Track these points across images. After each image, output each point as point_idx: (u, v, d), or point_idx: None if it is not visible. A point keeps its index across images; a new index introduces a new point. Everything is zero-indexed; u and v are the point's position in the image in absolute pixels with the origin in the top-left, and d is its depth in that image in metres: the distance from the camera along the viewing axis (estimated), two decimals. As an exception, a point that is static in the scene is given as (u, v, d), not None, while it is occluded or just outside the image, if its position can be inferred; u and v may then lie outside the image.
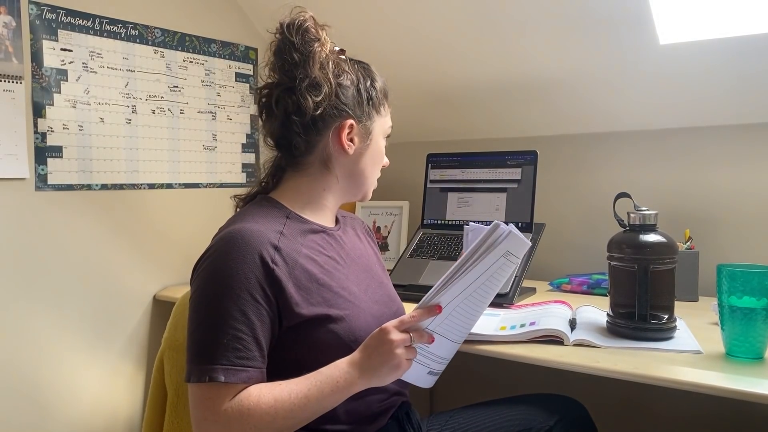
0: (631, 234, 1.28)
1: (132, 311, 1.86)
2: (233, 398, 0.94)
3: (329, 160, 1.13)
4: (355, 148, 1.13)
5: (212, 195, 2.05)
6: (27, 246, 1.62)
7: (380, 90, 1.18)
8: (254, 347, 0.96)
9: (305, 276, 1.03)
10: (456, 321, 1.02)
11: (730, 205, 1.73)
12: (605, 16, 1.61)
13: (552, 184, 1.99)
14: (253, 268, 0.98)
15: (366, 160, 1.16)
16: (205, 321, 0.97)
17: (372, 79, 1.17)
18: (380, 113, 1.18)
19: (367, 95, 1.14)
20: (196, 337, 0.98)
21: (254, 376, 0.96)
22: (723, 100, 1.68)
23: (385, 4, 1.85)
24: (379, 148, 1.19)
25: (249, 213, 1.09)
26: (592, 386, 1.51)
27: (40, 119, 1.63)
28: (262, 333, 0.97)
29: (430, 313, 1.00)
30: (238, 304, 0.96)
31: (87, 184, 1.73)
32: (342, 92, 1.11)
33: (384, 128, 1.20)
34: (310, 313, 1.01)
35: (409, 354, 0.99)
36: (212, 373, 0.93)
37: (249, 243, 0.99)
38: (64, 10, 1.66)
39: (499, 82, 1.94)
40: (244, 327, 0.96)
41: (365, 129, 1.14)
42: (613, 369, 1.10)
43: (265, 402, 0.94)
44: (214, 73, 2.04)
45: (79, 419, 1.73)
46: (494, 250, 0.97)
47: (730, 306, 1.11)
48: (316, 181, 1.14)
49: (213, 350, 0.95)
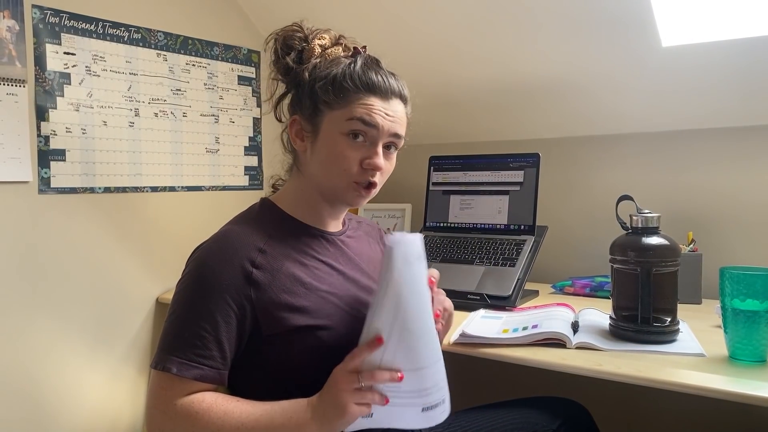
0: (633, 237, 1.28)
1: (134, 314, 1.87)
2: (186, 396, 0.95)
3: (297, 159, 1.14)
4: (304, 144, 1.09)
5: (215, 198, 2.06)
6: (30, 249, 1.62)
7: (334, 82, 1.05)
8: (214, 347, 0.96)
9: (291, 279, 1.02)
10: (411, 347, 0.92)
11: (733, 208, 1.73)
12: (608, 18, 1.61)
13: (554, 187, 1.99)
14: (232, 271, 0.99)
15: (317, 156, 1.07)
16: (175, 312, 1.00)
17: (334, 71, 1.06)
18: (333, 107, 1.05)
19: (310, 88, 1.07)
20: (166, 325, 1.00)
21: (209, 374, 0.96)
22: (725, 102, 1.68)
23: (387, 6, 1.86)
24: (332, 145, 1.05)
25: (241, 215, 1.12)
26: (595, 389, 1.50)
27: (43, 123, 1.63)
28: (226, 335, 0.97)
29: (371, 347, 0.91)
30: (208, 304, 0.97)
31: (90, 188, 1.73)
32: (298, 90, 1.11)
33: (340, 120, 1.05)
34: (293, 323, 1.00)
35: (360, 398, 0.91)
36: (167, 362, 0.95)
37: (234, 245, 1.01)
38: (67, 14, 1.67)
39: (501, 84, 1.94)
40: (208, 326, 0.96)
41: (311, 123, 1.08)
42: (616, 372, 1.09)
43: (215, 412, 0.93)
44: (216, 76, 2.04)
45: (82, 423, 1.73)
46: (393, 263, 0.90)
47: (733, 309, 1.11)
48: (296, 181, 1.14)
49: (174, 342, 0.97)
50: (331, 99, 1.05)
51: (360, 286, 1.12)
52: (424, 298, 0.94)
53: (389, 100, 1.07)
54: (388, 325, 0.91)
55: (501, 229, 1.81)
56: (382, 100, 1.06)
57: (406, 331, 0.91)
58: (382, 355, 0.91)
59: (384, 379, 0.91)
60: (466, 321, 1.41)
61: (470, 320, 1.43)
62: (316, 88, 1.06)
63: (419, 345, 0.93)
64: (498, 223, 1.82)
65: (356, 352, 0.93)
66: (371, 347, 0.91)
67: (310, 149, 1.09)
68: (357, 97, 1.05)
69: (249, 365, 1.01)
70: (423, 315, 0.93)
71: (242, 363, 1.01)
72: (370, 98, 1.05)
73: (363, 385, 0.91)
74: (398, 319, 0.91)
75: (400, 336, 0.91)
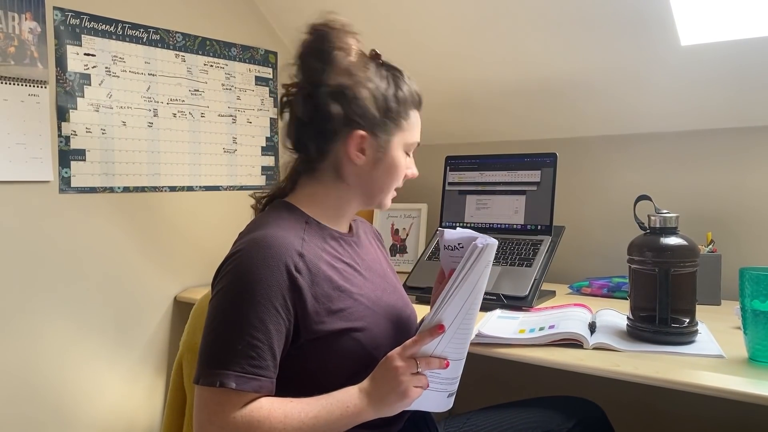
0: (651, 237, 1.27)
1: (153, 313, 1.89)
2: (242, 407, 0.93)
3: (340, 168, 1.10)
4: (365, 159, 1.09)
5: (232, 197, 2.07)
6: (50, 247, 1.64)
7: (403, 101, 1.10)
8: (269, 357, 0.95)
9: (327, 283, 1.02)
10: (460, 339, 1.01)
11: (753, 208, 1.71)
12: (626, 17, 1.60)
13: (572, 187, 1.98)
14: (277, 277, 0.96)
15: (379, 173, 1.11)
16: (222, 325, 0.96)
17: (397, 88, 1.10)
18: (400, 126, 1.10)
19: (386, 107, 1.08)
20: (211, 339, 0.96)
21: (266, 386, 0.95)
22: (745, 101, 1.66)
23: (404, 7, 1.86)
24: (395, 161, 1.11)
25: (270, 218, 1.07)
26: (610, 389, 1.49)
27: (64, 123, 1.65)
28: (278, 343, 0.96)
29: (432, 335, 0.96)
30: (258, 312, 0.94)
31: (109, 187, 1.76)
32: (358, 102, 1.06)
33: (405, 141, 1.12)
34: (332, 327, 1.00)
35: (417, 381, 0.96)
36: (223, 378, 0.92)
37: (274, 250, 0.98)
38: (88, 16, 1.69)
39: (517, 84, 1.93)
40: (261, 335, 0.94)
41: (378, 141, 1.08)
42: (633, 373, 1.09)
43: (276, 417, 0.92)
44: (234, 76, 2.06)
45: (100, 422, 1.76)
46: (477, 263, 0.96)
47: (753, 310, 1.09)
48: (330, 188, 1.11)
49: (226, 355, 0.93)
50: (400, 120, 1.10)
51: (376, 285, 1.12)
52: (481, 298, 1.02)
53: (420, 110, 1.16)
54: (453, 316, 0.98)
55: (518, 229, 1.81)
56: (419, 113, 1.15)
57: (464, 325, 0.99)
58: (437, 344, 0.98)
59: (436, 366, 0.98)
60: (482, 321, 1.41)
61: (486, 320, 1.42)
62: (390, 105, 1.08)
63: (466, 338, 1.02)
64: (515, 223, 1.82)
65: (418, 339, 0.97)
66: (433, 335, 0.96)
67: (371, 164, 1.09)
68: (415, 115, 1.14)
69: (284, 369, 0.99)
70: (476, 313, 1.02)
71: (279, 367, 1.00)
72: (417, 114, 1.14)
73: (420, 370, 0.96)
74: (462, 313, 0.98)
75: (458, 328, 0.99)
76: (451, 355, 1.00)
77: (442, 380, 1.01)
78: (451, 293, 0.97)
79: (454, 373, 1.03)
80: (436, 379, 1.00)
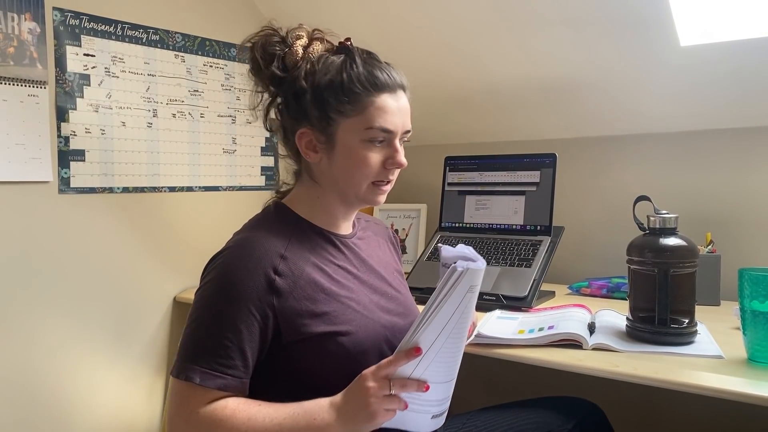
0: (651, 237, 1.27)
1: (152, 313, 1.89)
2: (209, 404, 0.94)
3: (309, 169, 1.11)
4: (319, 156, 1.07)
5: (232, 198, 2.07)
6: (49, 248, 1.64)
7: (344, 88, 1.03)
8: (237, 357, 0.96)
9: (311, 286, 1.02)
10: (443, 362, 0.95)
11: (752, 209, 1.71)
12: (625, 17, 1.60)
13: (571, 187, 1.98)
14: (255, 280, 0.98)
15: (337, 166, 1.07)
16: (197, 321, 0.99)
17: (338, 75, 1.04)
18: (346, 114, 1.04)
19: (320, 97, 1.04)
20: (187, 333, 0.99)
21: (232, 384, 0.95)
22: (744, 102, 1.66)
23: (401, 7, 1.86)
24: (351, 151, 1.05)
25: (261, 219, 1.10)
26: (610, 389, 1.49)
27: (63, 123, 1.65)
28: (249, 345, 0.97)
29: (408, 357, 0.91)
30: (232, 313, 0.96)
31: (109, 187, 1.76)
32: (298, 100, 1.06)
33: (360, 126, 1.04)
34: (315, 330, 1.00)
35: (389, 404, 0.92)
36: (189, 372, 0.94)
37: (256, 253, 1.00)
38: (87, 16, 1.69)
39: (517, 84, 1.93)
40: (232, 335, 0.96)
41: (324, 134, 1.06)
42: (632, 373, 1.09)
43: (239, 418, 0.93)
44: (233, 77, 2.06)
45: (98, 423, 1.75)
46: (457, 288, 0.91)
47: (752, 310, 1.09)
48: (311, 190, 1.12)
49: (196, 351, 0.96)
50: (345, 107, 1.04)
51: (374, 290, 1.12)
52: (468, 321, 0.96)
53: (397, 93, 1.07)
54: (431, 340, 0.92)
55: (517, 229, 1.81)
56: (391, 96, 1.06)
57: (445, 349, 0.94)
58: (415, 366, 0.93)
59: (413, 389, 0.93)
60: (481, 321, 1.41)
61: (486, 321, 1.42)
62: (324, 97, 1.04)
63: (450, 362, 0.97)
64: (514, 224, 1.82)
65: (393, 360, 0.92)
66: (409, 357, 0.92)
67: (326, 160, 1.08)
68: (370, 101, 1.04)
69: (268, 371, 1.01)
70: (463, 337, 0.97)
71: (261, 369, 1.01)
72: (381, 97, 1.05)
73: (393, 392, 0.92)
74: (442, 337, 0.93)
75: (438, 352, 0.93)
76: (433, 378, 0.94)
77: (424, 402, 0.96)
78: (429, 315, 0.92)
79: (439, 395, 0.97)
80: (417, 401, 0.95)
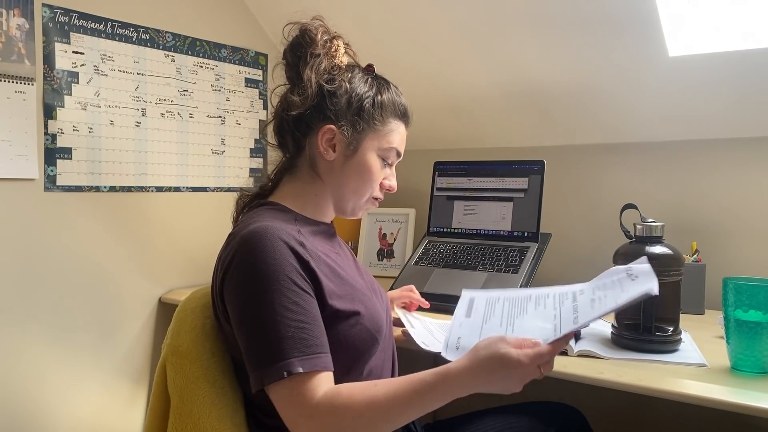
0: (637, 245, 1.27)
1: (137, 313, 1.87)
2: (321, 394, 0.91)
3: (315, 164, 1.12)
4: (335, 155, 1.11)
5: (220, 199, 2.06)
6: (34, 246, 1.63)
7: (380, 105, 1.12)
8: (318, 332, 0.95)
9: (328, 267, 1.04)
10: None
11: (737, 218, 1.72)
12: (614, 27, 1.61)
13: (559, 194, 1.99)
14: (287, 257, 0.97)
15: (348, 171, 1.12)
16: (260, 321, 0.94)
17: (377, 94, 1.13)
18: (373, 128, 1.12)
19: (359, 106, 1.10)
20: (256, 340, 0.94)
21: (329, 361, 0.94)
22: (731, 112, 1.67)
23: (391, 13, 1.86)
24: (366, 163, 1.12)
25: (261, 215, 1.07)
26: (593, 395, 1.50)
27: (50, 121, 1.64)
28: (317, 315, 0.97)
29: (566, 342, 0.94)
30: (287, 295, 0.94)
31: (95, 186, 1.74)
32: (332, 98, 1.09)
33: (380, 146, 1.13)
34: (343, 307, 1.02)
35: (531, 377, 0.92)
36: (288, 367, 0.90)
37: (276, 236, 0.98)
38: (77, 14, 1.68)
39: (506, 90, 1.94)
40: (301, 316, 0.94)
41: (349, 138, 1.10)
42: (617, 381, 1.09)
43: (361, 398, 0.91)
44: (224, 78, 2.05)
45: (82, 424, 1.74)
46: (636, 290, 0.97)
47: (736, 320, 1.10)
48: (307, 184, 1.14)
49: (280, 347, 0.92)
50: (377, 122, 1.12)
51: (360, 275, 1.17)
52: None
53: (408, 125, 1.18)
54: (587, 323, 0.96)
55: (504, 235, 1.81)
56: (406, 127, 1.18)
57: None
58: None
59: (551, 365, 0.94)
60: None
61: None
62: (363, 105, 1.10)
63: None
64: (501, 230, 1.82)
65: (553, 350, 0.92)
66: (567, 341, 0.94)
67: (341, 161, 1.11)
68: (396, 125, 1.15)
69: None
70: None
71: None
72: (401, 126, 1.16)
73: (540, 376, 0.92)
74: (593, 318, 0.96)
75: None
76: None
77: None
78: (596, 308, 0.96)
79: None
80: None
